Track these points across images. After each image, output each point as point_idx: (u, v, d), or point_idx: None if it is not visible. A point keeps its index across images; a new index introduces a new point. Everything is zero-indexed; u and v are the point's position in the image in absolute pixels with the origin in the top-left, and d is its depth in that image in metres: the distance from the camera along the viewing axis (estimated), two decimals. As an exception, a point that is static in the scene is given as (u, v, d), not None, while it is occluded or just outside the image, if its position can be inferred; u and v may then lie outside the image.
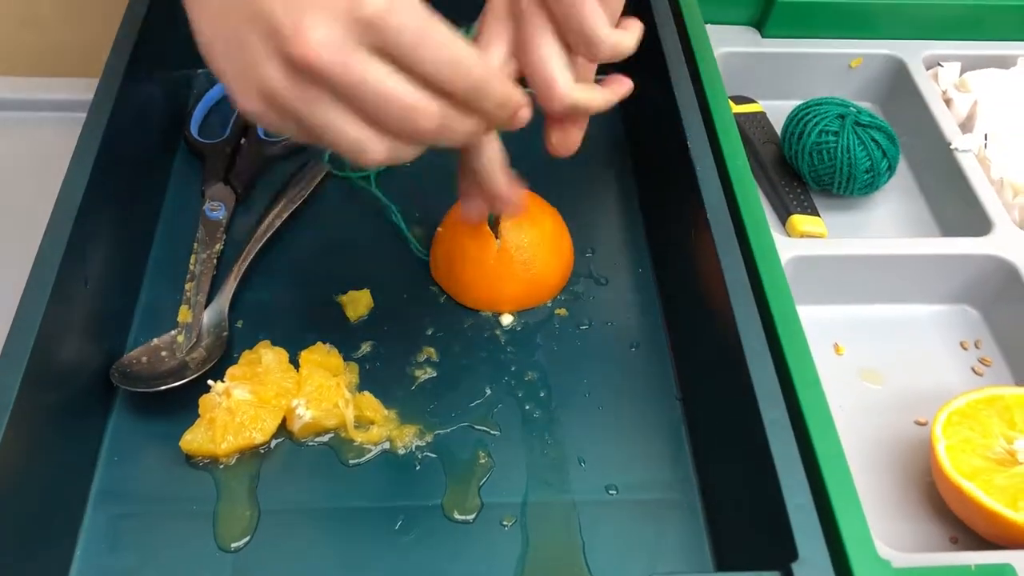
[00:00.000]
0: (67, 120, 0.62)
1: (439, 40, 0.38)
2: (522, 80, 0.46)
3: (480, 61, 0.39)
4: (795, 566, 0.42)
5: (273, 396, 0.55)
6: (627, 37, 0.46)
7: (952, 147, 0.68)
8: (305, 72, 0.37)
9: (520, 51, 0.46)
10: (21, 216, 0.58)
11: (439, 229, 0.63)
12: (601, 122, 0.54)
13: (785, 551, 0.43)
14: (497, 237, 0.60)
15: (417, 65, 0.38)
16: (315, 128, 0.39)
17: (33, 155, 0.71)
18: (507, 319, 0.62)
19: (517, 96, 0.41)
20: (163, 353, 0.58)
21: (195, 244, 0.64)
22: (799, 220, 0.66)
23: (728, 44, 0.75)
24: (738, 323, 0.50)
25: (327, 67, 0.37)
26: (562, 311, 0.63)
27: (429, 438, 0.56)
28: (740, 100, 0.75)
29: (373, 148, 0.39)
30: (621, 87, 0.49)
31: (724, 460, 0.53)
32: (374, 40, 0.37)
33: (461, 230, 0.61)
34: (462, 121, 0.40)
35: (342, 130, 0.39)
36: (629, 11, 0.47)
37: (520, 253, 0.61)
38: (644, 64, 0.55)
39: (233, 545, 0.50)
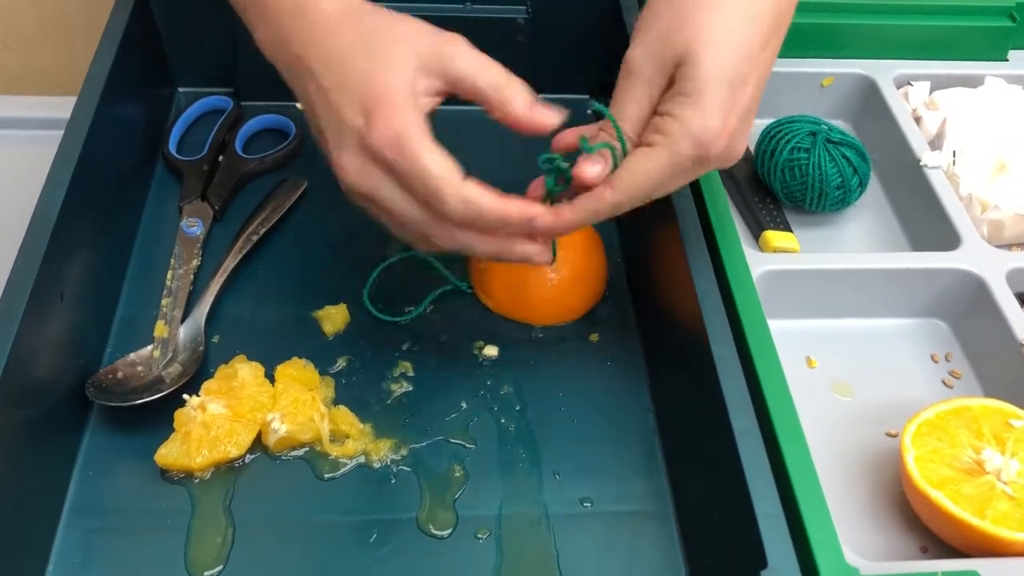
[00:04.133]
0: (47, 138, 0.62)
1: (414, 164, 0.47)
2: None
3: (440, 180, 0.47)
4: (765, 574, 0.42)
5: (248, 410, 0.55)
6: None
7: (922, 164, 0.69)
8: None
9: None
10: (-2, 231, 0.58)
11: (480, 264, 0.63)
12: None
13: (755, 559, 0.43)
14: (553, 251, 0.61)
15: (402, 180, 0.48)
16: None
17: (12, 172, 0.71)
18: (491, 350, 0.62)
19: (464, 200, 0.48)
20: (139, 368, 0.58)
21: (172, 260, 0.64)
22: (772, 236, 0.67)
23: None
24: (709, 335, 0.51)
25: (354, 186, 0.49)
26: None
27: (404, 452, 0.56)
28: (714, 118, 0.75)
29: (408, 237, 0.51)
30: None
31: (696, 471, 0.53)
32: (378, 161, 0.47)
33: None
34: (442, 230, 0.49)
35: (382, 218, 0.51)
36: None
37: (575, 264, 0.62)
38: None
39: (207, 573, 0.50)
